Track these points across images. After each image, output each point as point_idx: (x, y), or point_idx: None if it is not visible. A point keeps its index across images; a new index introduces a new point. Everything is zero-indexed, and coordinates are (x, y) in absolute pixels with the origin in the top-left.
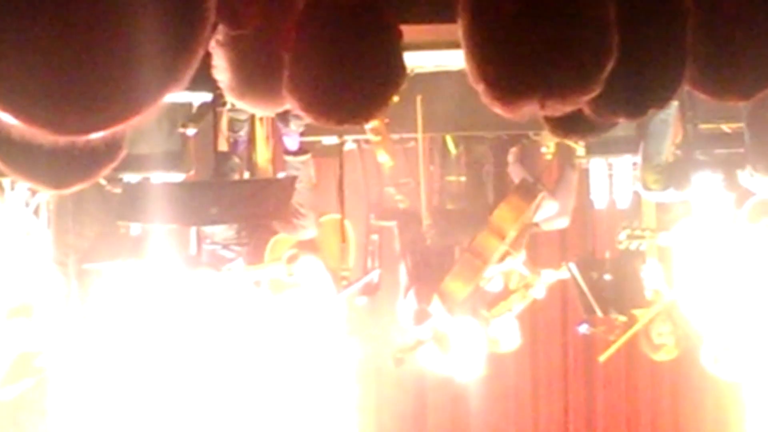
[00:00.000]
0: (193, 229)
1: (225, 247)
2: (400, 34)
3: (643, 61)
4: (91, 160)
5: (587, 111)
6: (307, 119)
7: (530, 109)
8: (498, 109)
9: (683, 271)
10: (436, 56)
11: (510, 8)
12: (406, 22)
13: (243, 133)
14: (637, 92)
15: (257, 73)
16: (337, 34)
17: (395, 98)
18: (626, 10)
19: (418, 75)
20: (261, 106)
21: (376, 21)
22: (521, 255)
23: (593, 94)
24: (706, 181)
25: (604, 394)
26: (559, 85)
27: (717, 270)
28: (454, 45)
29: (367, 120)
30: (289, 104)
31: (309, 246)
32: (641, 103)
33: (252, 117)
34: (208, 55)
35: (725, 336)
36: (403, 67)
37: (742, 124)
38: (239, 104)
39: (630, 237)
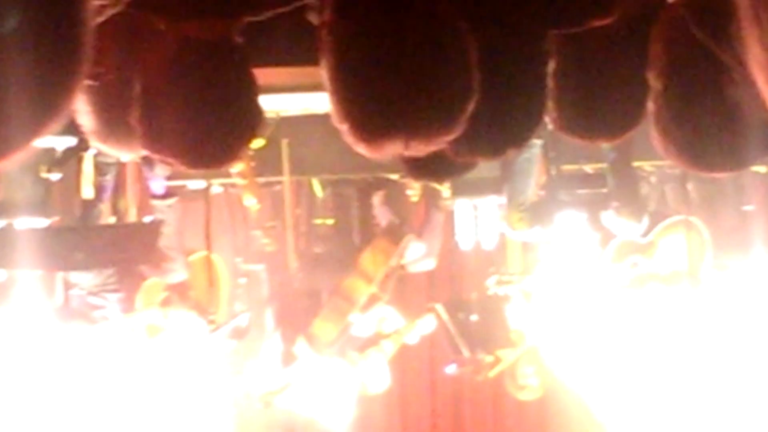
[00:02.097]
0: (59, 276)
1: (95, 294)
2: (254, 79)
3: (502, 102)
4: None
5: (448, 151)
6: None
7: (394, 150)
8: (362, 150)
9: (545, 312)
10: (301, 99)
11: (373, 50)
12: (270, 64)
13: (110, 177)
14: (496, 132)
15: (119, 116)
16: (191, 78)
17: (261, 142)
18: (486, 51)
19: (284, 118)
20: (124, 150)
21: (231, 65)
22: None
23: (456, 135)
24: (570, 221)
25: None
26: (422, 125)
27: (578, 310)
28: (319, 87)
29: (223, 165)
30: (142, 148)
31: (181, 288)
32: (500, 144)
33: (119, 161)
34: None
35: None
36: (259, 112)
37: (604, 165)
38: (102, 148)
39: (499, 283)
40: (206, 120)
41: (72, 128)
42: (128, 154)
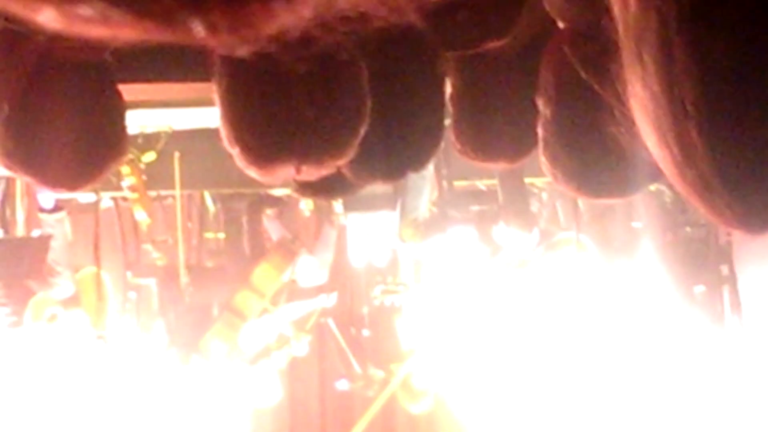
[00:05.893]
0: None
1: None
2: (122, 98)
3: (399, 125)
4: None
5: (346, 173)
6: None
7: (286, 174)
8: (253, 174)
9: (434, 324)
10: (194, 113)
11: (265, 75)
12: (163, 80)
13: None
14: (394, 155)
15: None
16: (51, 96)
17: (153, 155)
18: (380, 74)
19: (176, 132)
20: None
21: (96, 86)
22: (281, 312)
23: (348, 159)
24: (461, 236)
25: None
26: (314, 150)
27: (465, 320)
28: (212, 102)
29: (79, 187)
30: (4, 166)
31: (70, 303)
32: (399, 166)
33: (8, 175)
34: None
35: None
36: (123, 134)
37: (495, 181)
38: None
39: (384, 292)
40: (63, 140)
41: None
42: None
